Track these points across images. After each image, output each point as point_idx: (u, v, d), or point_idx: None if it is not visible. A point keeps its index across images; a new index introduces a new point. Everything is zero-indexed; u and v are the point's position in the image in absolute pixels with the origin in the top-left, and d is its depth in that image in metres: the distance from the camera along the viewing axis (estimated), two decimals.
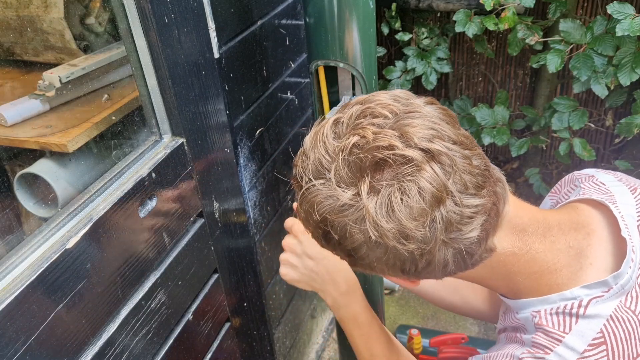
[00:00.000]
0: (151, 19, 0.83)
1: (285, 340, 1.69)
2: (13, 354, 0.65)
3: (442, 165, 0.57)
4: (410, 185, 0.56)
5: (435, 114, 0.61)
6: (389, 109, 0.60)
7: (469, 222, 0.59)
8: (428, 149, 0.57)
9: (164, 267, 0.92)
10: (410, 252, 0.59)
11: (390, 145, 0.56)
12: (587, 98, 2.41)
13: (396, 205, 0.56)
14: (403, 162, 0.56)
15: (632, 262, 0.66)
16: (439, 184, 0.56)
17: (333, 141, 0.60)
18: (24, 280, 0.66)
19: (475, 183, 0.59)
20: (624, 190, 0.74)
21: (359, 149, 0.58)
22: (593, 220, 0.71)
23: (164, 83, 0.88)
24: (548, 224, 0.69)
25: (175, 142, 0.93)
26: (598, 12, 2.17)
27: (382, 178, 0.57)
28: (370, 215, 0.57)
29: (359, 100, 0.63)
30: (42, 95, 0.98)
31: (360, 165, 0.57)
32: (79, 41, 1.06)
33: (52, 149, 0.92)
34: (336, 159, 0.59)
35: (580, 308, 0.65)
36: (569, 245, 0.68)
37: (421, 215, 0.56)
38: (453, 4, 2.06)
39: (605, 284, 0.66)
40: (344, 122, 0.61)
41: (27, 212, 0.96)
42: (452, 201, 0.57)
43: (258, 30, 1.21)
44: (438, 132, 0.58)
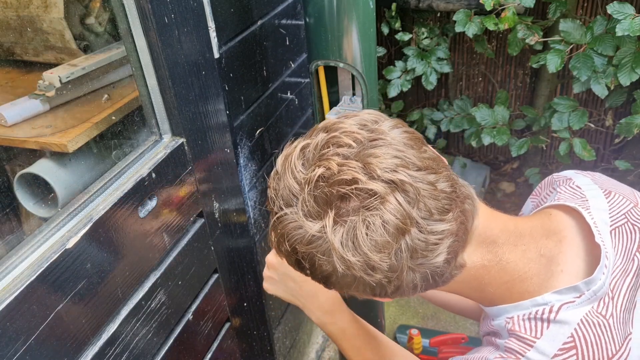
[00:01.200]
0: (151, 19, 0.83)
1: (285, 340, 1.69)
2: (13, 354, 0.65)
3: (406, 194, 0.58)
4: (375, 219, 0.57)
5: (400, 139, 0.62)
6: (353, 138, 0.61)
7: (434, 248, 0.61)
8: (391, 180, 0.58)
9: (164, 267, 0.92)
10: (378, 281, 0.61)
11: (353, 179, 0.58)
12: (587, 98, 2.41)
13: (361, 239, 0.58)
14: (367, 195, 0.58)
15: (605, 269, 0.66)
16: (402, 215, 0.58)
17: (301, 169, 0.62)
18: (24, 280, 0.66)
19: (441, 208, 0.60)
20: (598, 194, 0.74)
21: (325, 182, 0.59)
22: (565, 226, 0.72)
23: (164, 83, 0.88)
24: (519, 232, 0.70)
25: (175, 142, 0.93)
26: (598, 12, 2.17)
27: (347, 212, 0.58)
28: (336, 249, 0.58)
29: (326, 126, 0.64)
30: (42, 95, 0.98)
31: (326, 199, 0.59)
32: (79, 41, 1.06)
33: (52, 149, 0.92)
34: (303, 190, 0.60)
35: (551, 313, 0.66)
36: (540, 254, 0.69)
37: (385, 247, 0.58)
38: (453, 4, 2.06)
39: (576, 289, 0.66)
40: (310, 150, 0.63)
41: (27, 212, 0.96)
42: (417, 229, 0.59)
43: (258, 30, 1.21)
44: (402, 159, 0.59)
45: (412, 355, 0.94)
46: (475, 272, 0.69)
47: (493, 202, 2.69)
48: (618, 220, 0.71)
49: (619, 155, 2.42)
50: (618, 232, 0.70)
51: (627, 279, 0.68)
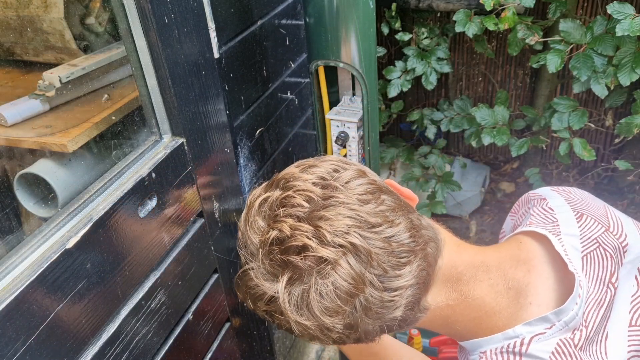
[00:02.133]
0: (151, 19, 0.83)
1: (285, 340, 1.69)
2: (13, 354, 0.65)
3: (358, 256, 0.58)
4: (326, 284, 0.58)
5: (355, 196, 0.61)
6: (305, 197, 0.61)
7: (390, 304, 0.61)
8: (341, 245, 0.58)
9: (164, 267, 0.92)
10: (336, 338, 0.62)
11: (304, 246, 0.58)
12: (587, 98, 2.41)
13: (313, 304, 0.59)
14: (317, 262, 0.58)
15: (579, 298, 0.65)
16: (354, 279, 0.58)
17: (261, 224, 0.63)
18: (23, 280, 0.66)
19: (396, 264, 0.60)
20: (570, 218, 0.73)
21: (278, 246, 0.60)
22: (535, 255, 0.71)
23: (164, 83, 0.89)
24: (487, 266, 0.69)
25: (175, 142, 0.93)
26: (598, 12, 2.17)
27: (300, 276, 0.60)
28: (289, 314, 0.60)
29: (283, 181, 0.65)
30: (42, 95, 0.98)
31: (279, 264, 0.60)
32: (79, 41, 1.06)
33: (52, 149, 0.92)
34: (259, 252, 0.62)
35: (522, 346, 0.65)
36: (508, 287, 0.68)
37: (337, 312, 0.59)
38: (453, 4, 2.06)
39: (546, 320, 0.65)
40: (267, 206, 0.64)
41: (27, 212, 0.96)
42: (372, 288, 0.59)
43: (258, 30, 1.21)
44: (354, 219, 0.59)
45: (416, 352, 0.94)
46: (440, 312, 0.69)
47: (493, 202, 2.69)
48: (589, 245, 0.69)
49: (619, 155, 2.42)
50: (589, 258, 0.69)
51: (601, 310, 0.66)
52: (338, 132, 1.20)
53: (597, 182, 2.60)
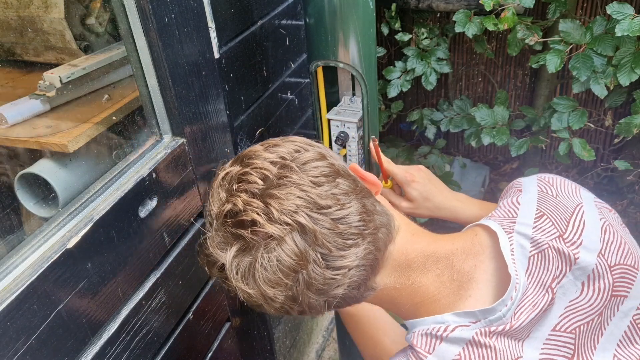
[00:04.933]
0: (151, 19, 0.83)
1: (285, 340, 1.70)
2: (14, 354, 0.65)
3: (304, 235, 0.62)
4: (271, 258, 0.62)
5: (309, 176, 0.65)
6: (261, 175, 0.65)
7: (332, 282, 0.64)
8: (288, 223, 0.62)
9: (164, 267, 0.92)
10: (280, 307, 0.66)
11: (253, 221, 0.62)
12: (587, 98, 2.41)
13: (257, 275, 0.63)
14: (264, 237, 0.62)
15: (510, 301, 0.68)
16: (297, 256, 0.62)
17: (222, 195, 0.67)
18: (24, 280, 0.66)
19: (342, 244, 0.64)
20: (529, 216, 0.74)
21: (230, 218, 0.64)
22: (484, 250, 0.73)
23: (165, 83, 0.89)
24: (437, 257, 0.73)
25: (175, 142, 0.93)
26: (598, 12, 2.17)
27: (248, 247, 0.64)
28: (234, 281, 0.65)
29: (244, 157, 0.69)
30: (42, 96, 0.98)
31: (229, 236, 0.65)
32: (80, 41, 1.06)
33: (52, 149, 0.92)
34: (214, 223, 0.67)
35: (445, 332, 0.69)
36: (452, 279, 0.72)
37: (279, 284, 0.63)
38: (453, 4, 2.06)
39: (473, 315, 0.69)
40: (227, 180, 0.68)
41: (27, 212, 0.96)
42: (314, 266, 0.63)
43: (258, 30, 1.21)
44: (304, 200, 0.63)
45: None
46: (387, 292, 0.73)
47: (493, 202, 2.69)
48: (539, 247, 0.71)
49: (619, 155, 2.43)
50: (536, 259, 0.70)
51: (533, 313, 0.68)
52: (338, 133, 1.20)
53: (597, 182, 2.60)
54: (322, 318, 2.09)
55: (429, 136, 2.39)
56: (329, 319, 2.13)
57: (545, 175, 0.82)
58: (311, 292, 0.64)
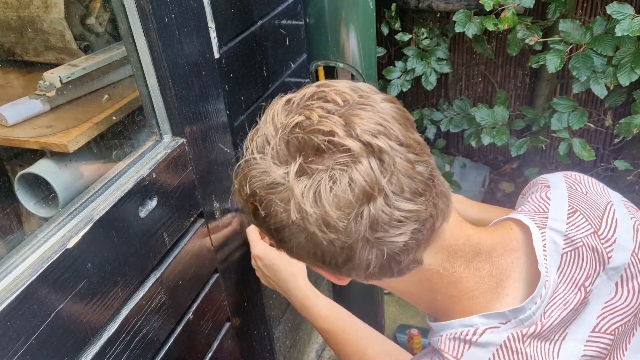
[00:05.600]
0: (151, 19, 0.83)
1: (285, 340, 1.70)
2: (14, 354, 0.65)
3: (381, 162, 0.56)
4: (342, 175, 0.55)
5: (389, 112, 0.60)
6: (342, 97, 0.59)
7: (397, 225, 0.58)
8: (369, 142, 0.56)
9: (164, 267, 0.92)
10: (330, 242, 0.58)
11: (331, 131, 0.56)
12: (587, 98, 2.41)
13: (323, 192, 0.55)
14: (340, 150, 0.55)
15: (540, 299, 0.65)
16: (372, 180, 0.55)
17: (282, 118, 0.60)
18: (24, 280, 0.66)
19: (414, 188, 0.58)
20: (562, 212, 0.72)
21: (300, 129, 0.57)
22: (521, 246, 0.70)
23: (165, 83, 0.89)
24: (479, 249, 0.68)
25: (175, 142, 0.93)
26: (597, 12, 2.17)
27: (316, 162, 0.56)
28: (295, 196, 0.56)
29: (318, 83, 0.63)
30: (42, 96, 0.98)
31: (297, 145, 0.57)
32: (80, 41, 1.06)
33: (52, 149, 0.92)
34: (277, 135, 0.59)
35: (474, 335, 0.66)
36: (491, 274, 0.68)
37: (346, 207, 0.55)
38: (453, 4, 2.06)
39: (503, 315, 0.66)
40: (295, 101, 0.61)
41: (27, 212, 0.96)
42: (384, 200, 0.56)
43: (258, 30, 1.21)
44: (385, 129, 0.57)
45: (391, 342, 0.96)
46: (429, 275, 0.67)
47: (493, 202, 2.69)
48: (572, 244, 0.69)
49: (619, 155, 2.43)
50: (569, 257, 0.68)
51: (564, 312, 0.66)
52: None
53: None
54: None
55: (429, 136, 2.39)
56: None
57: (571, 172, 0.79)
58: (372, 232, 0.57)
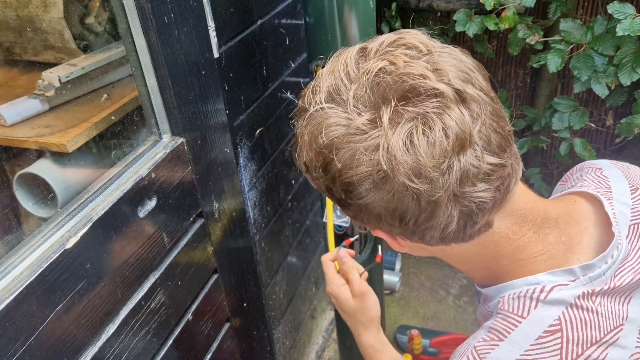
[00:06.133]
0: (151, 19, 0.82)
1: (285, 341, 1.69)
2: (12, 354, 0.65)
3: (471, 111, 0.53)
4: (436, 121, 0.52)
5: (471, 63, 0.58)
6: (424, 44, 0.56)
7: (485, 179, 0.55)
8: (461, 89, 0.53)
9: (164, 267, 0.92)
10: (417, 196, 0.54)
11: (422, 74, 0.52)
12: (588, 98, 2.41)
13: (417, 139, 0.52)
14: (433, 94, 0.52)
15: (611, 259, 0.64)
16: (465, 128, 0.52)
17: (356, 67, 0.56)
18: (23, 281, 0.66)
19: (499, 142, 0.56)
20: (625, 188, 0.72)
21: (387, 74, 0.53)
22: (588, 217, 0.69)
23: (164, 83, 0.88)
24: (547, 215, 0.67)
25: (174, 142, 0.93)
26: (598, 11, 2.16)
27: (406, 107, 0.52)
28: (388, 144, 0.52)
29: (394, 32, 0.60)
30: (41, 95, 0.97)
31: (386, 88, 0.53)
32: (79, 41, 1.05)
33: (51, 149, 0.92)
34: (358, 80, 0.54)
35: (542, 293, 0.63)
36: (560, 240, 0.67)
37: (441, 155, 0.52)
38: (453, 4, 2.06)
39: (572, 272, 0.63)
40: (372, 49, 0.57)
41: (26, 212, 0.96)
42: (474, 152, 0.53)
43: (258, 30, 1.21)
44: (472, 78, 0.55)
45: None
46: (498, 238, 0.65)
47: None
48: (639, 217, 0.68)
49: (620, 155, 2.42)
50: (637, 228, 0.67)
51: (632, 278, 0.65)
52: None
53: None
54: (321, 318, 2.09)
55: None
56: (329, 320, 2.13)
57: (615, 161, 0.79)
58: (460, 186, 0.54)
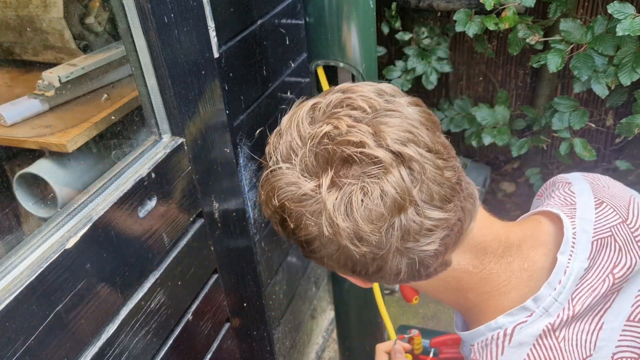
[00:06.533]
0: (151, 19, 0.82)
1: (285, 341, 1.69)
2: (12, 355, 0.65)
3: (411, 171, 0.56)
4: (374, 187, 0.55)
5: (416, 116, 0.59)
6: (369, 103, 0.58)
7: (428, 234, 0.58)
8: (399, 152, 0.55)
9: (164, 268, 0.92)
10: (362, 255, 0.58)
11: (361, 142, 0.55)
12: (588, 98, 2.41)
13: (355, 205, 0.55)
14: (371, 161, 0.55)
15: (559, 284, 0.65)
16: (403, 191, 0.55)
17: (307, 126, 0.59)
18: (23, 281, 0.66)
19: (443, 195, 0.58)
20: (589, 203, 0.72)
21: (329, 140, 0.56)
22: (551, 239, 0.70)
23: (164, 83, 0.88)
24: (509, 242, 0.69)
25: (174, 142, 0.93)
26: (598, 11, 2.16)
27: (346, 174, 0.56)
28: (328, 211, 0.55)
29: (342, 88, 0.62)
30: (41, 95, 0.97)
31: (327, 157, 0.56)
32: (79, 41, 1.05)
33: (51, 149, 0.92)
34: (305, 145, 0.58)
35: (505, 337, 0.65)
36: (523, 268, 0.68)
37: (379, 219, 0.55)
38: (453, 4, 2.06)
39: (525, 309, 0.65)
40: (321, 108, 0.60)
41: (26, 212, 0.96)
42: (415, 210, 0.56)
43: (258, 29, 1.21)
44: (414, 136, 0.57)
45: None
46: (458, 274, 0.67)
47: (494, 202, 2.68)
48: (602, 232, 0.69)
49: (620, 155, 2.42)
50: (599, 245, 0.68)
51: (593, 298, 0.66)
52: None
53: None
54: (321, 318, 2.09)
55: None
56: (329, 320, 2.13)
57: (588, 173, 0.80)
58: (403, 242, 0.57)
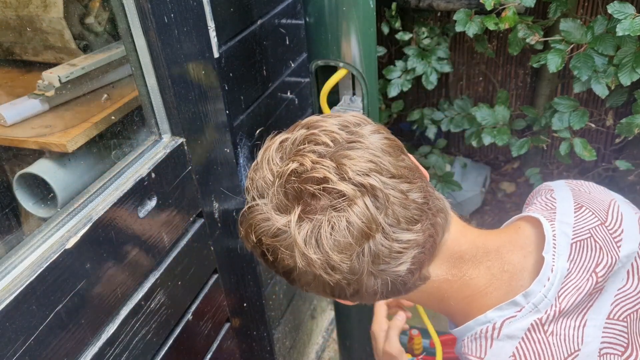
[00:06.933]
0: (151, 19, 0.82)
1: (285, 341, 1.69)
2: (12, 355, 0.65)
3: (375, 199, 0.59)
4: (340, 220, 0.58)
5: (378, 144, 0.63)
6: (331, 137, 0.62)
7: (398, 256, 0.62)
8: (361, 183, 0.59)
9: (164, 268, 0.92)
10: (337, 282, 0.62)
11: (324, 178, 0.59)
12: (588, 98, 2.41)
13: (324, 238, 0.59)
14: (335, 196, 0.59)
15: (547, 281, 0.68)
16: (368, 219, 0.59)
17: (278, 162, 0.64)
18: (23, 281, 0.66)
19: (410, 217, 0.62)
20: (569, 207, 0.75)
21: (296, 177, 0.60)
22: (532, 241, 0.73)
23: (164, 83, 0.88)
24: (487, 249, 0.72)
25: (174, 142, 0.93)
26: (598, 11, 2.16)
27: (314, 209, 0.59)
28: (298, 245, 0.59)
29: (307, 123, 0.66)
30: (41, 95, 0.97)
31: (295, 194, 0.60)
32: (79, 41, 1.05)
33: (51, 149, 0.92)
34: (274, 184, 0.62)
35: (494, 331, 0.68)
36: (503, 270, 0.71)
37: (347, 249, 0.59)
38: (453, 4, 2.06)
39: (516, 303, 0.68)
40: (288, 145, 0.64)
41: (26, 212, 0.95)
42: (382, 235, 0.60)
43: (258, 29, 1.21)
44: (377, 165, 0.61)
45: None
46: (438, 284, 0.70)
47: (494, 202, 2.68)
48: (581, 234, 0.72)
49: (620, 155, 2.42)
50: (578, 246, 0.71)
51: (578, 296, 0.68)
52: None
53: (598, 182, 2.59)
54: (321, 318, 2.09)
55: (430, 136, 2.39)
56: (329, 320, 2.13)
57: (572, 180, 0.84)
58: (375, 266, 0.61)
